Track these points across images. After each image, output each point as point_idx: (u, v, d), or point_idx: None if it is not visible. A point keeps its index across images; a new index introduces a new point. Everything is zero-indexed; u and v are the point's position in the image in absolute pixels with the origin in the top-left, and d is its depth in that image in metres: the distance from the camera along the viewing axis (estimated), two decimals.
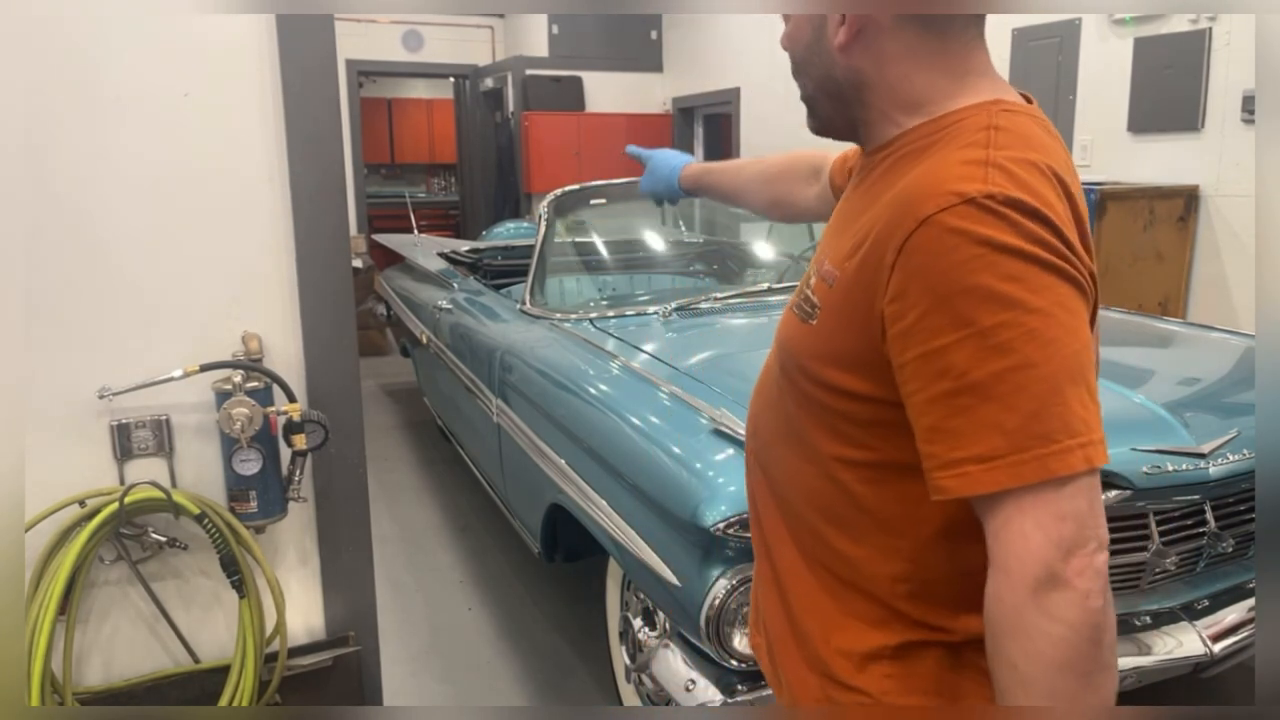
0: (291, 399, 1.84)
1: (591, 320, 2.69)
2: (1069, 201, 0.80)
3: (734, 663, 1.65)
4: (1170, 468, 1.76)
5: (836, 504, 0.91)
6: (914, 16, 0.85)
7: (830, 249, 0.91)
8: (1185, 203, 3.89)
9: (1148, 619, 1.84)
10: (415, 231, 5.85)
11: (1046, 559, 0.72)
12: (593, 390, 2.18)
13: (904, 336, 0.77)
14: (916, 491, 0.83)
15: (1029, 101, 0.91)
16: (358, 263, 6.01)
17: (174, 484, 1.88)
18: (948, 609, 0.89)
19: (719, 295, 2.81)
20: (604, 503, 1.96)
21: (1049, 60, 4.47)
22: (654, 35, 8.37)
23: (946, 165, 0.79)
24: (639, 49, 8.35)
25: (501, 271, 3.83)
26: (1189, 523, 1.85)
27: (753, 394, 1.08)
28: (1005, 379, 0.73)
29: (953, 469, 0.76)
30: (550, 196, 3.11)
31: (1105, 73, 4.24)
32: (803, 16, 0.93)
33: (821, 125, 0.98)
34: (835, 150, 1.32)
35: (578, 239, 3.44)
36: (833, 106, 0.94)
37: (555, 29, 8.12)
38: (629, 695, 2.20)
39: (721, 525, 1.58)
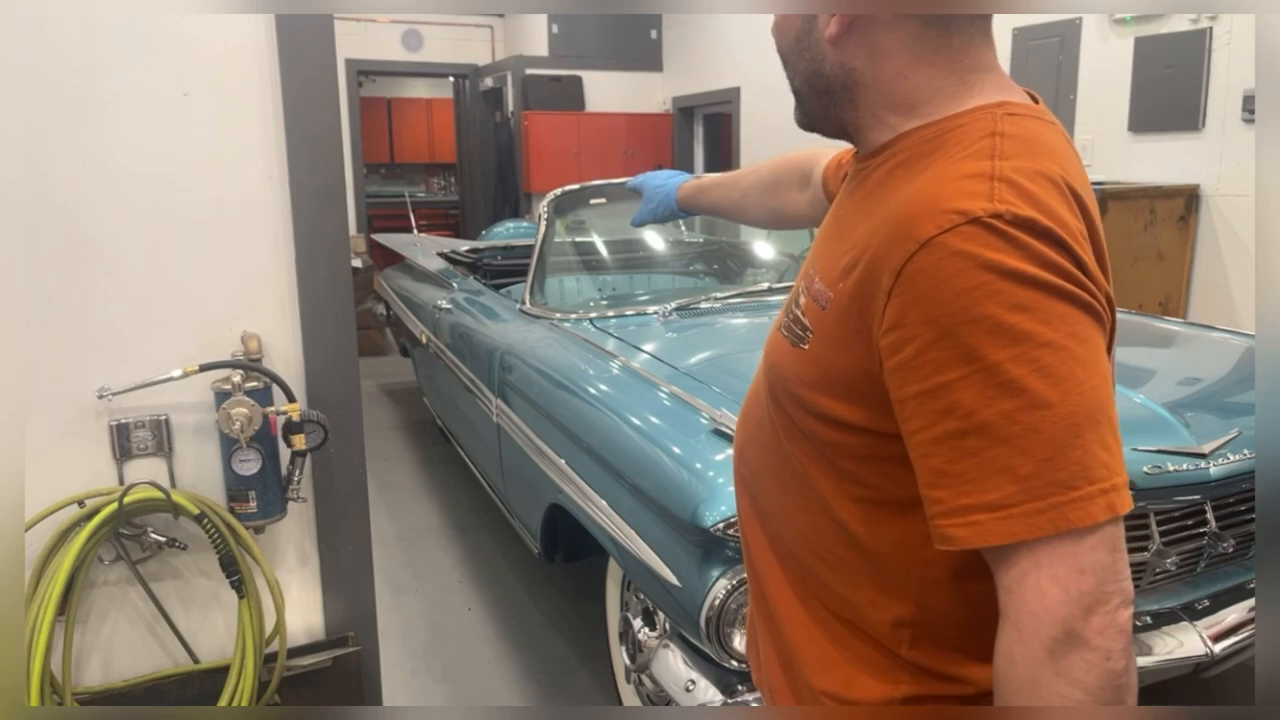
0: (291, 399, 1.84)
1: (591, 320, 2.69)
2: (1084, 214, 0.74)
3: (734, 663, 1.65)
4: (1171, 468, 1.76)
5: (834, 545, 0.84)
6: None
7: (821, 264, 0.83)
8: (1185, 202, 3.89)
9: (1148, 619, 1.83)
10: (415, 231, 5.85)
11: (1064, 617, 0.66)
12: (593, 390, 2.18)
13: (904, 370, 0.71)
14: (920, 530, 0.77)
15: (1035, 101, 0.84)
16: (357, 262, 6.01)
17: (173, 484, 1.87)
18: (958, 656, 0.82)
19: (719, 295, 2.81)
20: (604, 503, 1.96)
21: (1049, 60, 4.47)
22: (654, 35, 8.36)
23: (947, 179, 0.72)
24: (639, 49, 8.35)
25: (501, 271, 3.83)
26: (1189, 523, 1.85)
27: (739, 417, 1.01)
28: (1016, 419, 0.67)
29: (961, 516, 0.69)
30: (550, 196, 3.11)
31: (1105, 72, 4.24)
32: (792, 5, 0.85)
33: (809, 121, 0.90)
34: (825, 150, 1.28)
35: (578, 239, 3.44)
36: (820, 104, 0.86)
37: (555, 28, 8.12)
38: (629, 695, 2.19)
39: (721, 525, 1.57)
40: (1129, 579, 0.69)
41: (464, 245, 4.93)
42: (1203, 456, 1.79)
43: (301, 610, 2.06)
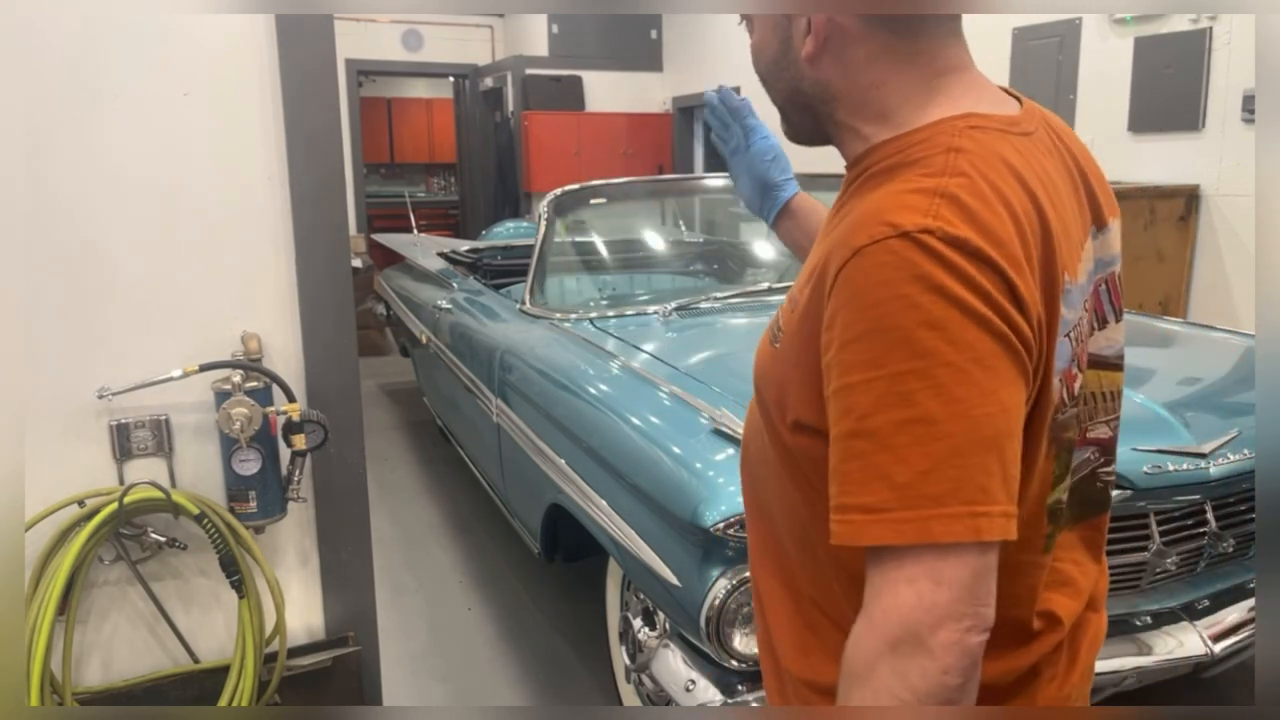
0: (291, 399, 1.84)
1: (591, 320, 2.69)
2: (1043, 226, 0.75)
3: (734, 663, 1.65)
4: (1171, 467, 1.76)
5: (809, 542, 0.88)
6: (883, 19, 0.79)
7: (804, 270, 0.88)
8: (1186, 202, 3.89)
9: (1148, 619, 1.83)
10: (415, 231, 5.85)
11: (913, 621, 0.68)
12: (593, 390, 2.18)
13: (827, 369, 0.74)
14: None
15: (1018, 100, 0.85)
16: (357, 262, 6.01)
17: (173, 484, 1.87)
18: None
19: (719, 295, 2.81)
20: (604, 503, 1.96)
21: (1049, 60, 4.47)
22: (654, 35, 8.37)
23: (895, 194, 0.74)
24: (639, 49, 8.35)
25: (501, 271, 3.83)
26: (1189, 522, 1.85)
27: (748, 409, 1.04)
28: (904, 430, 0.68)
29: (840, 514, 0.72)
30: (550, 196, 3.10)
31: (1105, 72, 4.24)
32: (768, 28, 0.86)
33: (796, 134, 0.93)
34: None
35: (578, 239, 3.44)
36: (803, 119, 0.89)
37: (555, 28, 8.13)
38: (629, 695, 2.19)
39: (721, 525, 1.57)
40: (991, 607, 0.70)
41: (464, 245, 4.93)
42: (1203, 456, 1.79)
43: (301, 610, 2.06)
